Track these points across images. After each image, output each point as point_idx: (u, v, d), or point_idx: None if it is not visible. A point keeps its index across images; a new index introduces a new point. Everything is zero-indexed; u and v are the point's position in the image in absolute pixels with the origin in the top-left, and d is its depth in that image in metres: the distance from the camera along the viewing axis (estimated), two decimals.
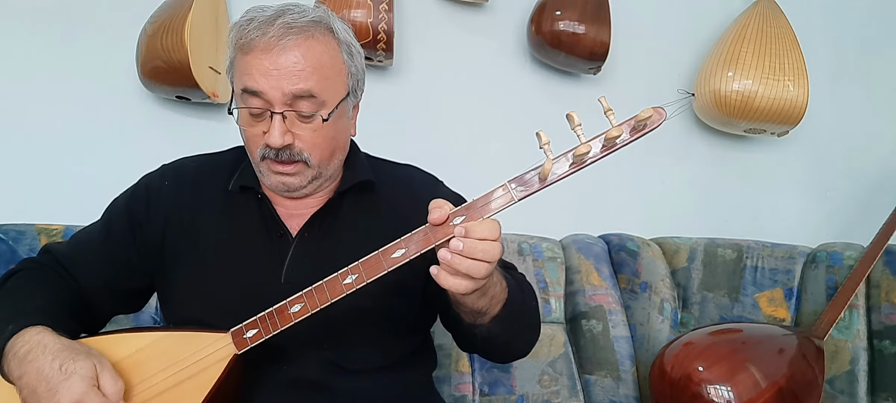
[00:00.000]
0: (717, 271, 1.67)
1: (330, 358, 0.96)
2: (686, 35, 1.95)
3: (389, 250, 0.81)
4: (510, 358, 1.10)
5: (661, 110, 0.78)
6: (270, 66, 0.89)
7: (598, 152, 0.79)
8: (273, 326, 0.86)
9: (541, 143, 0.77)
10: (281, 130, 0.90)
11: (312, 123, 0.92)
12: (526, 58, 1.86)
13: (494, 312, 0.89)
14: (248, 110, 0.92)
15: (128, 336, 0.91)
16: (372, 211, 1.01)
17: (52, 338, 0.84)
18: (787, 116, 1.76)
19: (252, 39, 0.89)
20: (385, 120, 1.73)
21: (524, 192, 0.80)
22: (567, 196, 1.89)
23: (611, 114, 0.77)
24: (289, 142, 0.91)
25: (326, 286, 0.83)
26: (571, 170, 0.79)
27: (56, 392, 0.79)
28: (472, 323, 0.91)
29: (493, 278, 0.86)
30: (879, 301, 1.52)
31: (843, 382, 1.49)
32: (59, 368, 0.81)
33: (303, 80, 0.89)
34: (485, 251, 0.77)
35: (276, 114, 0.90)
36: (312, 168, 0.95)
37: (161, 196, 1.02)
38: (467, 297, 0.84)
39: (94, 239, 1.03)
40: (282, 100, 0.89)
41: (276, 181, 0.95)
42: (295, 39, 0.89)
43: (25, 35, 1.60)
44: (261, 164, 0.95)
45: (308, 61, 0.90)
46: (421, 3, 1.79)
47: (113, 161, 1.61)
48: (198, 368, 0.88)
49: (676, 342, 1.46)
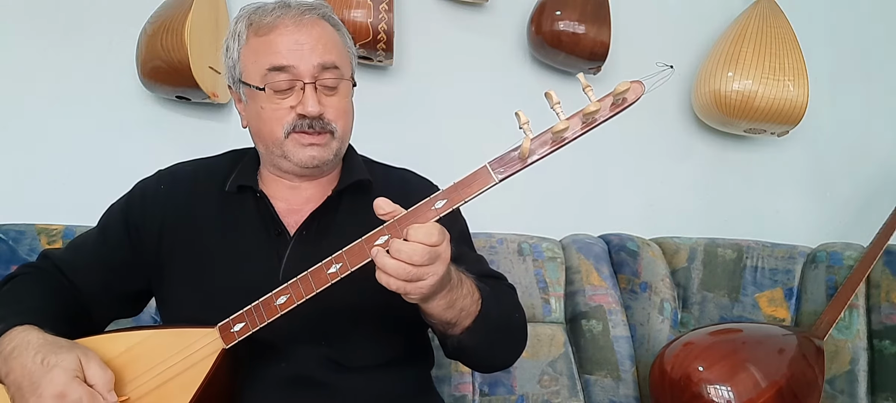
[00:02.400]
0: (717, 271, 1.67)
1: (327, 355, 0.96)
2: (686, 35, 1.95)
3: (372, 237, 0.81)
4: (489, 369, 1.11)
5: (640, 83, 0.77)
6: (298, 40, 0.95)
7: (578, 129, 0.78)
8: (259, 319, 0.85)
9: (520, 123, 0.77)
10: (314, 98, 0.95)
11: (337, 94, 0.98)
12: (526, 58, 1.87)
13: (465, 324, 0.90)
14: (273, 88, 0.95)
15: (117, 336, 0.91)
16: (369, 210, 1.01)
17: (36, 335, 0.84)
18: (787, 116, 1.76)
19: (274, 20, 0.96)
20: (385, 120, 1.74)
21: (505, 173, 0.79)
22: (567, 196, 1.90)
23: (589, 91, 0.76)
24: (322, 112, 0.95)
25: (311, 276, 0.83)
26: (552, 149, 0.79)
27: (38, 386, 0.80)
28: (442, 333, 0.92)
29: (462, 290, 0.87)
30: (879, 301, 1.52)
31: (843, 382, 1.49)
32: (41, 362, 0.81)
33: (328, 52, 0.96)
34: (409, 253, 0.76)
35: (308, 84, 0.95)
36: (337, 140, 0.99)
37: (157, 199, 1.03)
38: (430, 306, 0.84)
39: (91, 244, 1.03)
40: (310, 73, 0.95)
41: (306, 155, 0.97)
42: (313, 17, 0.97)
43: (25, 35, 1.60)
44: (286, 142, 0.97)
45: (328, 36, 0.98)
46: (421, 3, 1.79)
47: (113, 161, 1.61)
48: (186, 364, 0.88)
49: (676, 342, 1.46)
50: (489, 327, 0.93)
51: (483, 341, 0.93)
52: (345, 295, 0.85)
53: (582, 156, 1.87)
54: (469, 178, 0.80)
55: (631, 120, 1.89)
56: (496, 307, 0.94)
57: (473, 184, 0.79)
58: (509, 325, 1.02)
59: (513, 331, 1.03)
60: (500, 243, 1.60)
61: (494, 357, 1.03)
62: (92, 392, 0.81)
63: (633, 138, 1.92)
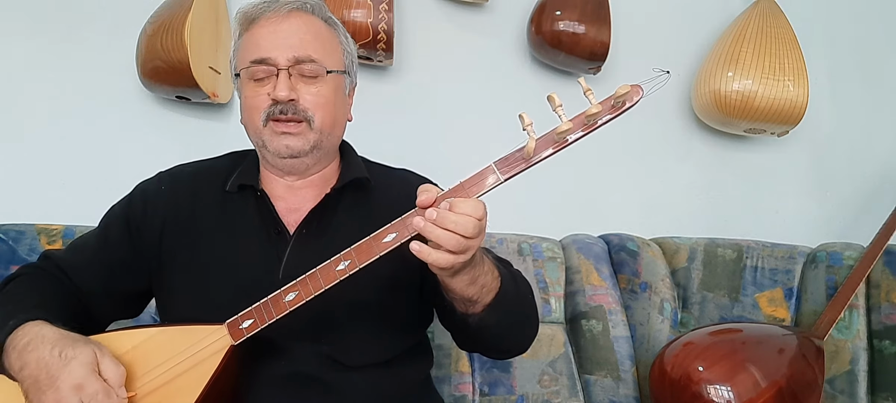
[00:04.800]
0: (717, 271, 1.67)
1: (327, 353, 0.97)
2: (686, 35, 1.95)
3: (381, 235, 0.82)
4: (507, 353, 1.11)
5: (639, 87, 0.80)
6: (275, 32, 0.97)
7: (580, 131, 0.81)
8: (268, 316, 0.86)
9: (523, 125, 0.79)
10: (287, 83, 0.95)
11: (315, 84, 0.98)
12: (526, 58, 1.86)
13: (486, 301, 0.90)
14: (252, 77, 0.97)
15: (124, 334, 0.92)
16: (368, 208, 1.02)
17: (50, 330, 0.85)
18: (787, 116, 1.76)
19: (259, 13, 0.98)
20: (385, 120, 1.74)
21: (509, 173, 0.81)
22: (567, 196, 1.90)
23: (590, 94, 0.79)
24: (293, 97, 0.96)
25: (320, 273, 0.84)
26: (555, 150, 0.81)
27: (56, 379, 0.80)
28: (463, 313, 0.92)
29: (484, 267, 0.88)
30: (879, 301, 1.52)
31: (843, 382, 1.49)
32: (58, 355, 0.82)
33: (305, 46, 0.97)
34: (457, 223, 0.77)
35: (281, 70, 0.96)
36: (314, 131, 0.98)
37: (158, 200, 1.04)
38: (454, 282, 0.85)
39: (92, 245, 1.04)
40: (286, 61, 0.96)
41: (280, 144, 0.97)
42: (296, 10, 0.99)
43: (25, 35, 1.61)
44: (264, 131, 0.98)
45: (309, 29, 0.99)
46: (421, 2, 1.79)
47: (113, 161, 1.61)
48: (195, 361, 0.88)
49: (676, 342, 1.46)
50: (508, 304, 0.93)
51: (503, 319, 0.94)
52: (346, 293, 0.85)
53: (582, 157, 1.86)
54: (475, 178, 0.82)
55: (631, 120, 1.89)
56: (513, 285, 0.96)
57: (479, 184, 0.81)
58: (526, 304, 1.02)
59: (529, 311, 1.03)
60: (500, 243, 1.60)
61: (514, 336, 1.03)
62: (107, 386, 0.82)
63: (633, 138, 1.92)
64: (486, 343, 1.05)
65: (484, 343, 1.04)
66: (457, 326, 1.00)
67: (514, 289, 0.96)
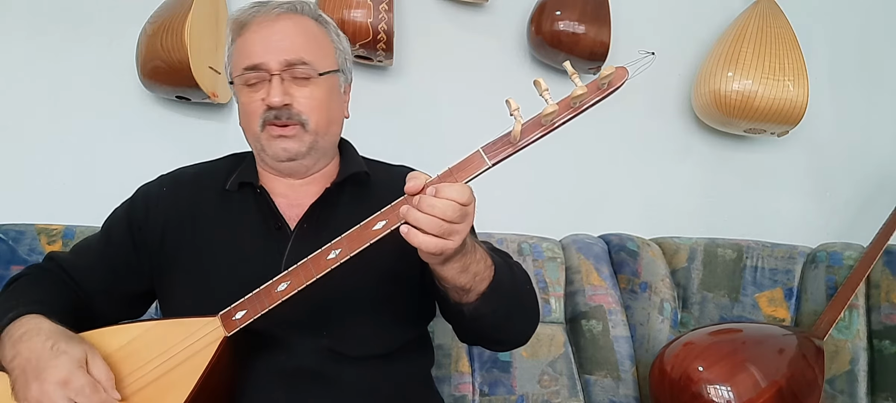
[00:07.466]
0: (717, 271, 1.67)
1: (327, 346, 0.97)
2: (686, 35, 1.95)
3: (370, 223, 0.83)
4: (506, 344, 1.10)
5: (624, 69, 0.81)
6: (266, 37, 0.98)
7: (566, 114, 0.81)
8: (260, 306, 0.86)
9: (510, 110, 0.80)
10: (280, 89, 0.96)
11: (308, 86, 0.99)
12: (526, 58, 1.86)
13: (480, 290, 0.90)
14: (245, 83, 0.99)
15: (119, 329, 0.92)
16: (368, 202, 1.02)
17: (47, 323, 0.87)
18: (787, 116, 1.76)
19: (249, 18, 1.00)
20: (385, 120, 1.74)
21: (497, 157, 0.82)
22: (567, 196, 1.90)
23: (575, 77, 0.79)
24: (288, 102, 0.97)
25: (311, 262, 0.84)
26: (543, 133, 0.82)
27: (44, 370, 0.81)
28: (457, 301, 0.92)
29: (476, 255, 0.87)
30: (879, 301, 1.52)
31: (843, 382, 1.49)
32: (51, 348, 0.82)
33: (296, 48, 0.98)
34: (437, 206, 0.77)
35: (274, 75, 0.97)
36: (310, 133, 0.99)
37: (159, 201, 1.05)
38: (445, 270, 0.85)
39: (95, 247, 1.06)
40: (278, 66, 0.97)
41: (277, 147, 0.99)
42: (285, 13, 1.00)
43: (25, 35, 1.61)
44: (261, 136, 0.99)
45: (300, 31, 1.00)
46: (421, 3, 1.79)
47: (113, 161, 1.61)
48: (189, 353, 0.88)
49: (676, 342, 1.46)
50: (504, 293, 0.93)
51: (500, 308, 0.94)
52: (345, 285, 0.86)
53: (582, 156, 1.87)
54: (463, 163, 0.82)
55: (631, 120, 1.91)
56: (509, 274, 0.95)
57: (467, 168, 0.82)
58: (524, 294, 1.02)
59: (527, 302, 1.03)
60: (500, 243, 1.60)
61: (511, 327, 1.02)
62: (94, 382, 0.82)
63: (633, 138, 1.92)
64: (483, 334, 1.04)
65: (481, 333, 1.04)
66: (452, 314, 1.00)
67: (511, 279, 0.95)
